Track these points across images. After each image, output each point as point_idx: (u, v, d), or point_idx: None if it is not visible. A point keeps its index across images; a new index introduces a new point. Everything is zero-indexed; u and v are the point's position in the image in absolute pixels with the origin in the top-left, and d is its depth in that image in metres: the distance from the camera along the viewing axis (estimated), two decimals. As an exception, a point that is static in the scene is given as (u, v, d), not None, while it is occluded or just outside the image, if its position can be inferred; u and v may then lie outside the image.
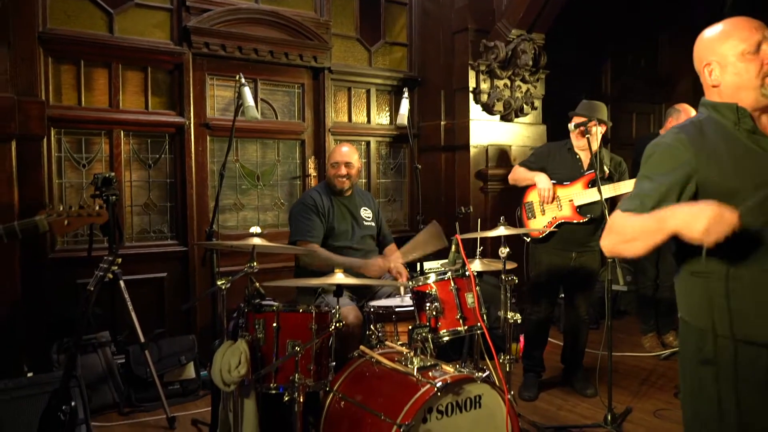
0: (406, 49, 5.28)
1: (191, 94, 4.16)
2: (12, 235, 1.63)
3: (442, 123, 5.04)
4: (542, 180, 3.55)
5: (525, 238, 3.66)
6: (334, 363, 2.57)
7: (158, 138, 4.14)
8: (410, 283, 2.71)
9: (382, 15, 5.12)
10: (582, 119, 3.36)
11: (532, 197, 3.64)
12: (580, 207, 3.48)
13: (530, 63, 4.87)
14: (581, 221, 3.47)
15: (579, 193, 3.49)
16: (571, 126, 3.51)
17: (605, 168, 3.48)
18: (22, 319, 3.32)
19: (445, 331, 2.58)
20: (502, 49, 4.80)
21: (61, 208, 1.70)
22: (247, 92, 3.14)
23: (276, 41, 4.42)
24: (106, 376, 3.57)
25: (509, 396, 2.39)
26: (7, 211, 3.21)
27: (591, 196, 3.39)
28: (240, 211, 4.48)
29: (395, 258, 3.42)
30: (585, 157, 3.57)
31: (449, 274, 2.62)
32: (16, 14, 3.32)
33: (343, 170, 3.49)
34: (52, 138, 3.75)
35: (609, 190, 3.37)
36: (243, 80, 3.14)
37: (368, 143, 5.05)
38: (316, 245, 3.34)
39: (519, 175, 3.74)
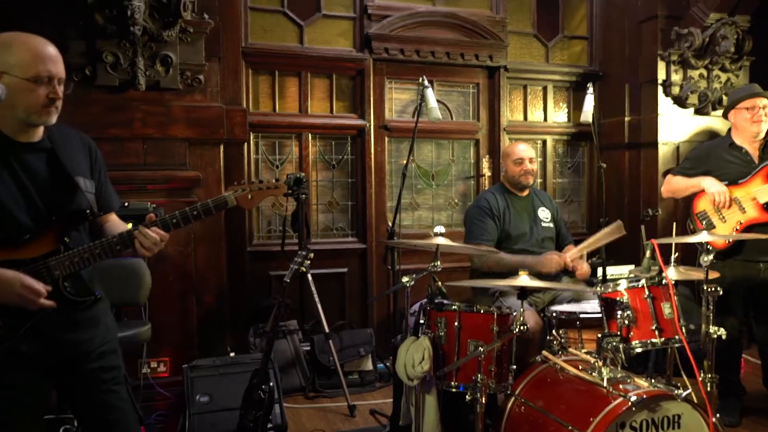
0: (585, 42, 5.03)
1: (371, 98, 4.35)
2: (207, 211, 1.84)
3: (627, 119, 4.72)
4: (712, 183, 3.13)
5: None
6: (515, 367, 2.52)
7: (341, 140, 4.40)
8: (598, 288, 2.57)
9: (561, 8, 4.93)
10: (750, 101, 3.03)
11: (703, 205, 3.20)
12: (767, 204, 3.04)
13: (731, 49, 4.38)
14: None
15: (762, 189, 3.04)
16: (735, 117, 3.12)
17: None
18: (227, 305, 3.71)
19: (637, 342, 2.40)
20: (697, 36, 4.37)
21: (244, 183, 1.89)
22: (430, 94, 3.20)
23: (452, 42, 4.46)
24: (294, 361, 3.86)
25: (714, 419, 2.16)
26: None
27: None
28: (415, 211, 4.59)
29: (571, 253, 3.29)
30: (753, 150, 3.14)
31: (643, 281, 2.43)
32: (225, 32, 3.71)
33: (528, 165, 3.42)
34: (251, 141, 4.14)
35: None
36: (426, 82, 3.21)
37: (544, 142, 4.90)
38: (490, 248, 3.30)
39: (677, 185, 3.33)
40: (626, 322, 2.40)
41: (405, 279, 2.48)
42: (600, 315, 2.55)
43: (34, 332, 1.70)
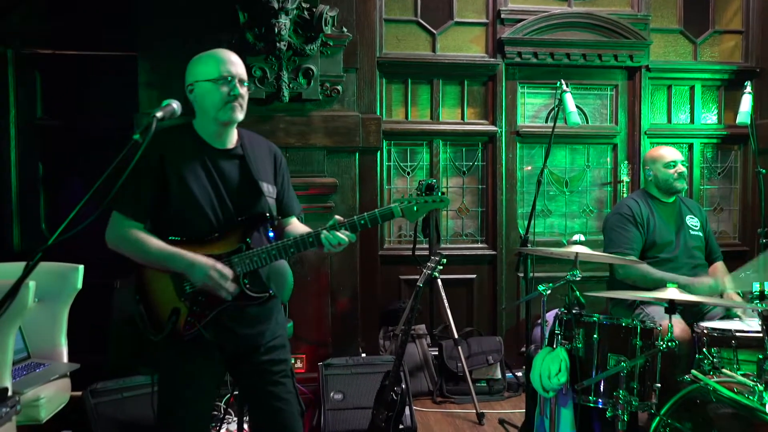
0: (739, 36, 4.62)
1: (503, 103, 4.31)
2: (374, 220, 1.90)
3: (789, 119, 4.28)
4: None
5: None
6: (659, 385, 2.37)
7: (472, 146, 4.39)
8: (759, 305, 2.35)
9: (711, 1, 4.57)
10: None
11: None
12: None
13: None
14: None
15: None
16: None
17: None
18: (359, 307, 3.83)
19: (807, 366, 2.17)
20: None
21: (410, 196, 1.94)
22: (569, 99, 3.11)
23: (589, 44, 4.30)
24: (422, 365, 3.91)
25: None
26: (350, 211, 3.75)
27: None
28: (547, 218, 4.47)
29: (730, 283, 3.03)
30: None
31: (814, 298, 2.19)
32: (362, 44, 3.85)
33: (681, 168, 3.23)
34: (384, 149, 4.26)
35: None
36: (564, 87, 3.13)
37: (691, 146, 4.57)
38: (634, 258, 3.13)
39: None
40: (793, 343, 2.17)
41: (542, 288, 2.42)
42: (760, 334, 2.33)
43: (216, 323, 1.89)
